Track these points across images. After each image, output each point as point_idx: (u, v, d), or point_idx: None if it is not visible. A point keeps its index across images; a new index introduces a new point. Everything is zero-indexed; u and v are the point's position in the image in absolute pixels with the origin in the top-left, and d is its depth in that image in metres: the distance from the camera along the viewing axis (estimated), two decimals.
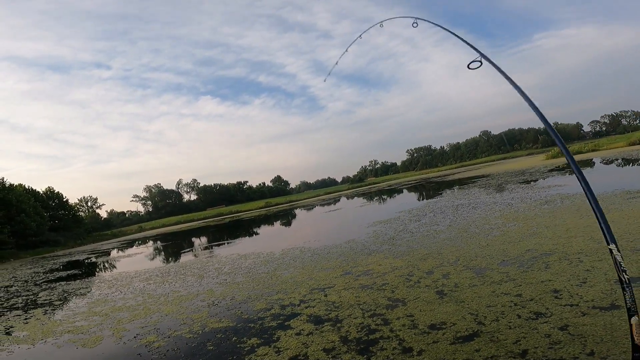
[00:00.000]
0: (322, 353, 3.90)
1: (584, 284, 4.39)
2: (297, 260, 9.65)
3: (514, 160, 66.43)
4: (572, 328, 3.40)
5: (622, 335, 3.09)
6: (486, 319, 3.93)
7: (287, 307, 5.78)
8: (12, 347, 6.06)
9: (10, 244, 40.72)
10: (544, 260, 5.60)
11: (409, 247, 8.57)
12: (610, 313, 3.54)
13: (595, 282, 4.37)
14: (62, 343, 5.86)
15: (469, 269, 5.92)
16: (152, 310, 7.05)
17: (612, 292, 3.98)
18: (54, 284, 13.42)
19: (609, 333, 3.18)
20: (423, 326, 4.05)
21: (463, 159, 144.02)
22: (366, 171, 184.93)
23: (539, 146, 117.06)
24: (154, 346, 5.02)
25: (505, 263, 5.85)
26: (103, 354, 5.11)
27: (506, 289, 4.68)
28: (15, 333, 6.96)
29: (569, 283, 4.48)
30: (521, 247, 6.59)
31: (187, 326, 5.68)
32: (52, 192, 62.25)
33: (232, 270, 10.03)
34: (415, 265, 6.80)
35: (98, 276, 14.83)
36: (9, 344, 6.30)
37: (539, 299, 4.18)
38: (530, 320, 3.69)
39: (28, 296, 11.27)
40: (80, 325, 6.76)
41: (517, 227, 8.49)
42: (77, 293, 10.64)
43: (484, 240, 7.76)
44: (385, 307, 4.88)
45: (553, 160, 37.58)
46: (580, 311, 3.70)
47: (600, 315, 3.55)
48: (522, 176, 24.33)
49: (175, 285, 9.23)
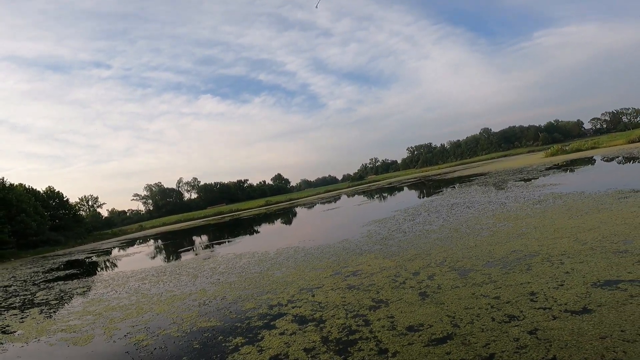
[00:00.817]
0: (302, 353, 3.99)
1: (561, 286, 4.46)
2: (290, 260, 9.74)
3: (514, 158, 66.37)
4: (541, 332, 3.47)
5: (586, 341, 3.16)
6: (462, 321, 4.02)
7: (275, 307, 5.88)
8: (6, 345, 6.22)
9: (10, 243, 40.92)
10: (527, 262, 5.68)
11: (400, 248, 8.66)
12: (581, 317, 3.61)
13: (572, 285, 4.44)
14: (55, 341, 6.00)
15: (454, 270, 6.00)
16: (144, 310, 7.16)
17: (586, 295, 4.05)
18: (52, 283, 13.56)
19: (574, 338, 3.25)
20: (401, 328, 4.15)
21: (463, 156, 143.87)
22: (367, 169, 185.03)
23: (540, 144, 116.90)
24: (142, 345, 5.13)
25: (490, 264, 5.93)
26: (93, 352, 5.23)
27: (486, 291, 4.77)
28: (11, 332, 7.11)
29: (547, 286, 4.56)
30: (507, 248, 6.66)
31: (176, 325, 5.78)
32: (52, 192, 62.47)
33: (226, 270, 10.14)
34: (403, 266, 6.88)
35: (95, 276, 14.98)
36: (4, 342, 6.46)
37: (515, 301, 4.26)
38: (503, 324, 3.77)
39: (26, 296, 11.41)
40: (74, 325, 6.89)
41: (506, 227, 8.56)
42: (74, 293, 10.77)
43: (472, 241, 7.84)
44: (368, 308, 4.98)
45: (552, 158, 37.60)
46: (552, 315, 3.77)
47: (570, 319, 3.62)
48: (519, 174, 24.36)
49: (170, 285, 9.34)
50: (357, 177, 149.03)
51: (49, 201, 59.76)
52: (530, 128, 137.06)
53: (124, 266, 16.37)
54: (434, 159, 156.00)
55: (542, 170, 24.61)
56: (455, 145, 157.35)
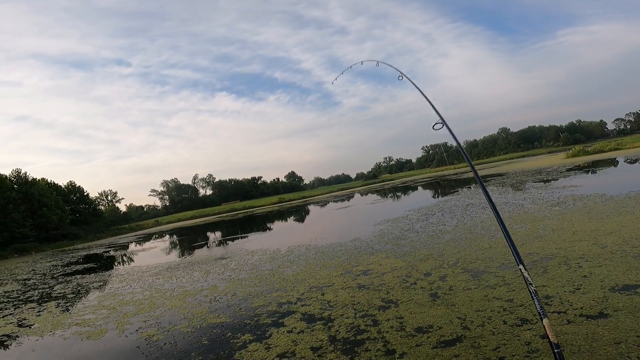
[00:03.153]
0: (309, 351, 3.97)
1: (578, 290, 4.31)
2: (301, 258, 9.74)
3: (533, 159, 64.79)
4: None
5: (600, 346, 3.04)
6: (472, 323, 3.92)
7: (284, 304, 5.88)
8: (22, 339, 6.36)
9: (32, 237, 42.28)
10: (543, 264, 5.51)
11: (412, 248, 8.55)
12: (596, 322, 3.48)
13: (589, 289, 4.28)
14: (69, 335, 6.13)
15: (467, 271, 5.88)
16: (156, 305, 7.27)
17: (603, 300, 3.90)
18: (70, 277, 13.92)
19: (588, 343, 3.13)
20: (410, 329, 4.08)
21: (480, 156, 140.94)
22: (380, 168, 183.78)
23: (560, 144, 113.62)
24: (152, 340, 5.20)
25: (504, 266, 5.78)
26: (104, 346, 5.33)
27: (499, 294, 4.65)
28: (27, 325, 7.28)
29: (563, 289, 4.42)
30: (523, 251, 6.48)
31: (187, 321, 5.84)
32: (73, 187, 64.30)
33: (238, 266, 10.21)
34: (414, 266, 6.78)
35: (112, 270, 15.31)
36: (20, 335, 6.60)
37: (528, 305, 4.14)
38: (515, 327, 3.66)
39: (44, 289, 11.71)
40: (88, 318, 7.04)
41: (523, 229, 8.34)
42: (90, 287, 11.02)
43: (487, 242, 7.66)
44: (377, 308, 4.91)
45: (573, 159, 36.55)
46: (567, 319, 3.65)
47: (584, 323, 3.50)
48: (538, 175, 23.76)
49: (182, 281, 9.47)
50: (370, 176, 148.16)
51: (69, 195, 61.50)
52: (551, 128, 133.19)
53: (140, 261, 16.70)
54: (449, 159, 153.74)
55: (563, 171, 23.94)
56: (472, 144, 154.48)
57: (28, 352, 5.65)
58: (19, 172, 49.12)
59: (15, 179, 48.00)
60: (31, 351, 5.66)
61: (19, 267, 22.36)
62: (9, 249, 36.73)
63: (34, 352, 5.60)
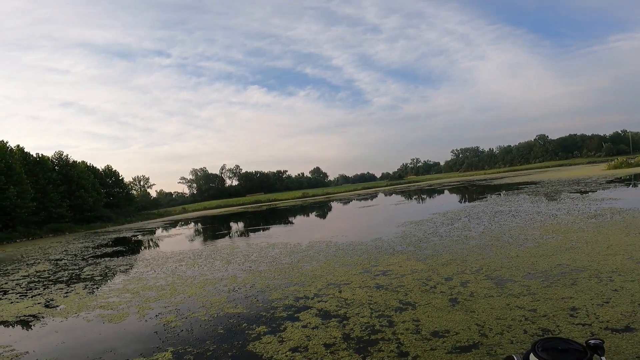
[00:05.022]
0: (321, 347, 3.95)
1: (606, 304, 4.13)
2: (321, 254, 9.73)
3: (571, 168, 61.78)
4: None
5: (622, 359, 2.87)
6: (491, 331, 3.80)
7: (301, 299, 5.88)
8: (47, 320, 6.56)
9: (67, 217, 44.52)
10: (573, 276, 5.26)
11: (434, 251, 8.34)
12: (621, 335, 3.35)
13: (618, 302, 4.10)
14: (92, 318, 6.33)
15: (490, 278, 5.67)
16: (178, 291, 7.46)
17: (632, 314, 3.72)
18: (99, 259, 14.51)
19: (609, 356, 3.02)
20: (426, 332, 3.98)
21: (514, 163, 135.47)
22: (407, 169, 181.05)
23: (602, 154, 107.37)
24: (170, 326, 5.33)
25: (530, 276, 5.53)
26: (125, 330, 5.51)
27: (522, 303, 4.47)
28: (54, 306, 7.51)
29: (591, 302, 4.24)
30: (552, 261, 6.18)
31: (205, 309, 5.96)
32: (110, 171, 67.13)
33: (258, 258, 10.34)
34: (435, 270, 6.61)
35: (138, 254, 15.92)
36: (46, 316, 6.81)
37: (552, 315, 3.99)
38: (536, 337, 3.52)
39: (74, 270, 12.19)
40: (112, 302, 7.27)
41: (554, 240, 7.95)
42: (117, 270, 11.45)
43: (514, 251, 7.36)
44: (394, 309, 4.82)
45: (614, 171, 34.52)
46: (591, 331, 3.52)
47: (609, 336, 3.36)
48: (575, 186, 22.63)
49: (204, 269, 9.69)
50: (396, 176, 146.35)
51: (106, 179, 64.19)
52: (594, 137, 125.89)
53: (165, 247, 17.27)
54: (480, 164, 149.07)
55: (602, 183, 22.68)
56: (506, 150, 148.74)
57: (51, 334, 5.76)
58: (61, 154, 51.70)
59: (57, 160, 50.61)
60: (54, 332, 5.79)
61: (52, 246, 23.61)
62: (45, 228, 38.74)
63: (57, 333, 5.73)
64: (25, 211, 37.14)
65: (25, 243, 30.15)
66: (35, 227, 38.09)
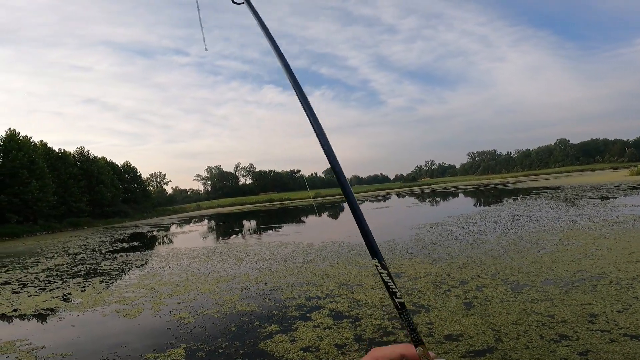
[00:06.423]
0: (333, 348, 3.92)
1: (626, 310, 4.03)
2: (334, 255, 9.70)
3: (592, 174, 60.04)
4: (593, 354, 3.17)
5: None
6: (507, 336, 3.73)
7: (313, 299, 5.86)
8: (64, 313, 6.64)
9: (86, 212, 45.64)
10: (593, 283, 5.13)
11: (449, 255, 8.21)
12: None
13: (639, 309, 3.94)
14: (108, 312, 6.42)
15: (507, 283, 5.54)
16: (191, 288, 7.54)
17: None
18: (116, 254, 14.74)
19: None
20: (439, 335, 3.92)
21: (532, 167, 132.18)
22: (421, 171, 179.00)
23: (625, 160, 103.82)
24: (183, 322, 5.38)
25: (549, 282, 5.39)
26: (139, 325, 5.58)
27: (539, 308, 4.38)
28: (71, 300, 7.60)
29: (610, 309, 4.14)
30: (571, 267, 6.01)
31: (217, 306, 6.00)
32: (128, 167, 68.37)
33: (270, 257, 10.37)
34: (450, 274, 6.50)
35: (153, 250, 16.19)
36: (63, 310, 6.88)
37: (570, 321, 3.91)
38: (552, 342, 3.45)
39: (91, 265, 12.39)
40: (128, 297, 7.37)
41: (574, 246, 7.72)
42: (133, 265, 11.64)
43: (532, 256, 7.17)
44: None
45: (638, 177, 33.37)
46: (610, 338, 3.44)
47: (628, 343, 3.28)
48: (597, 191, 21.97)
49: (217, 266, 9.77)
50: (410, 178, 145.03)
51: (124, 175, 65.43)
52: (617, 142, 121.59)
53: (179, 243, 17.51)
54: (497, 167, 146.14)
55: (625, 189, 21.96)
56: (524, 154, 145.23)
57: (67, 327, 5.83)
58: (82, 150, 52.99)
59: (78, 156, 51.90)
60: (70, 326, 5.86)
61: (71, 240, 24.21)
62: (65, 222, 39.75)
63: (73, 327, 5.80)
64: (46, 205, 38.19)
65: (45, 236, 31.02)
66: (55, 220, 39.16)
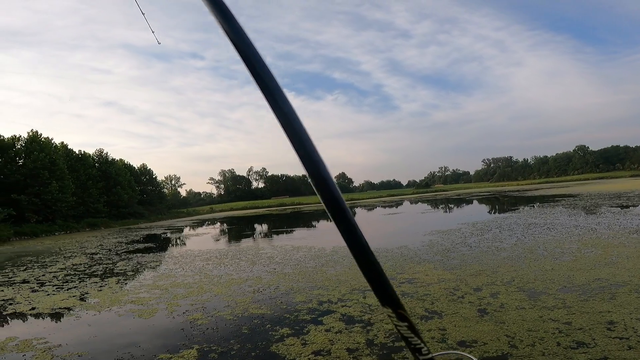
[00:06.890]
0: (344, 352, 3.91)
1: None
2: (346, 259, 9.67)
3: (612, 181, 58.44)
4: None
5: None
6: (522, 342, 3.67)
7: (325, 303, 5.86)
8: (81, 313, 6.76)
9: (104, 213, 46.66)
10: (612, 291, 5.02)
11: (462, 261, 8.10)
12: None
13: None
14: (124, 312, 6.53)
15: (522, 291, 5.45)
16: (204, 290, 7.62)
17: None
18: (132, 255, 15.01)
19: None
20: (452, 341, 3.88)
21: (550, 174, 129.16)
22: (434, 177, 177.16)
23: None
24: (197, 323, 5.44)
25: (566, 290, 5.29)
26: (153, 325, 5.66)
27: (556, 316, 4.30)
28: (88, 300, 7.75)
29: (630, 316, 4.06)
30: (590, 275, 5.87)
31: (230, 308, 6.05)
32: (145, 169, 69.69)
33: (282, 260, 10.41)
34: (464, 280, 6.41)
35: (168, 251, 16.41)
36: (80, 309, 7.01)
37: (588, 328, 3.84)
38: (569, 349, 3.39)
39: (108, 265, 12.62)
40: (143, 297, 7.48)
41: (593, 254, 7.53)
42: (148, 266, 11.81)
43: (549, 264, 7.02)
44: (419, 318, 4.70)
45: None
46: (628, 345, 3.38)
47: None
48: (617, 200, 21.38)
49: (230, 269, 9.85)
50: (422, 185, 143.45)
51: (140, 177, 66.65)
52: (638, 149, 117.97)
53: (193, 245, 17.72)
54: (513, 174, 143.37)
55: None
56: (541, 161, 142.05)
57: (83, 326, 5.93)
58: (101, 151, 54.39)
59: (97, 157, 53.24)
60: (87, 326, 5.96)
61: (88, 241, 24.73)
62: (83, 223, 40.65)
63: (89, 326, 5.90)
64: (66, 205, 39.17)
65: (64, 236, 31.79)
66: (74, 221, 40.07)
